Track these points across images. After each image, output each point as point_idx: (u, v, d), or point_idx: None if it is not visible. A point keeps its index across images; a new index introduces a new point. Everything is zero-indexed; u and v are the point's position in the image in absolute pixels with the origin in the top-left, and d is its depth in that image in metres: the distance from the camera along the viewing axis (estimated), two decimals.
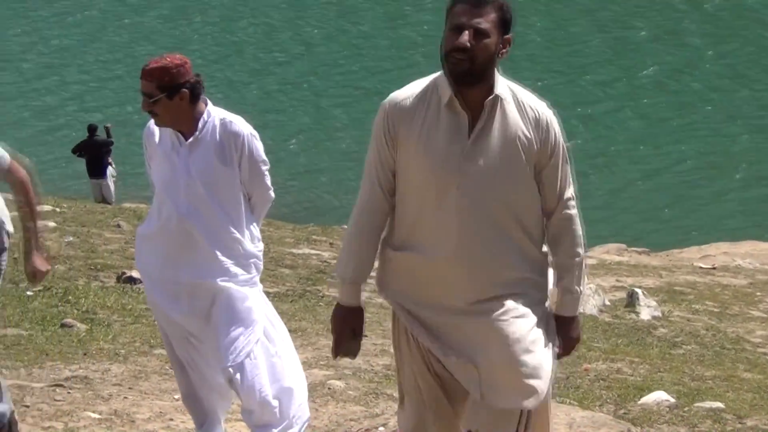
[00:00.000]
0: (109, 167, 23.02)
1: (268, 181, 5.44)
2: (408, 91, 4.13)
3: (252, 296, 5.36)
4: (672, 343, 9.61)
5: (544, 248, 4.19)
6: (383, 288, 4.24)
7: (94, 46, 39.14)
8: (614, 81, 36.12)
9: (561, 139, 4.12)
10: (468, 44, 3.91)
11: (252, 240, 5.41)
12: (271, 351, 5.44)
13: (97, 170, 22.86)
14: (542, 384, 4.07)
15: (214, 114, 5.33)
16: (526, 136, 4.04)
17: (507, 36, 3.98)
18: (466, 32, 3.91)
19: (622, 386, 7.87)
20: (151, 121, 5.41)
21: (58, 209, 15.83)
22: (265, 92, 35.78)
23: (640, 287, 12.35)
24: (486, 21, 3.94)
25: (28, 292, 10.34)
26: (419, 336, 4.14)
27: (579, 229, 4.19)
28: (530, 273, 4.14)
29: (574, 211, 4.17)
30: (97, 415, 6.79)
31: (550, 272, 4.24)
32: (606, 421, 6.56)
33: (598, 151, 30.84)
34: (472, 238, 4.04)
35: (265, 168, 5.40)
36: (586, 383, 8.11)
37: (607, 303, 12.51)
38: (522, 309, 4.08)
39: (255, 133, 5.38)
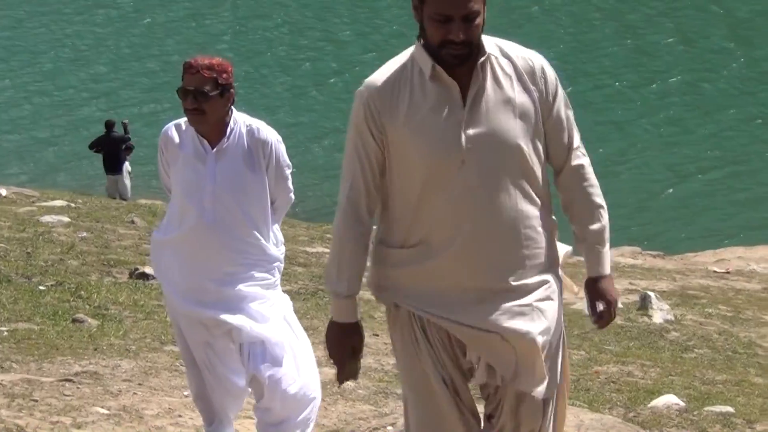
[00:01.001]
0: (126, 163, 23.04)
1: (291, 184, 5.40)
2: (384, 72, 3.79)
3: (275, 299, 5.33)
4: (684, 347, 9.58)
5: (553, 217, 3.89)
6: (382, 290, 3.89)
7: (121, 41, 38.54)
8: (639, 86, 35.69)
9: (559, 83, 3.84)
10: (462, 38, 3.61)
11: (276, 244, 5.38)
12: (292, 351, 5.39)
13: (113, 166, 22.87)
14: (558, 375, 3.91)
15: (239, 120, 5.25)
16: (524, 89, 3.76)
17: None
18: (456, 25, 3.61)
19: (632, 389, 7.85)
20: (170, 127, 5.32)
21: (72, 204, 15.84)
22: (293, 91, 35.24)
23: (653, 290, 12.32)
24: (470, 6, 3.62)
25: (41, 287, 10.34)
26: (443, 324, 3.81)
27: (594, 177, 3.89)
28: (546, 247, 3.84)
29: (586, 159, 3.88)
30: (105, 411, 6.80)
31: (560, 245, 3.95)
32: (615, 424, 6.51)
33: (619, 155, 30.77)
34: (487, 217, 3.73)
35: (288, 172, 5.36)
36: (596, 386, 8.09)
37: (620, 306, 12.40)
38: (545, 292, 3.83)
39: (279, 137, 5.32)
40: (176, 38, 37.66)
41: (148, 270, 11.13)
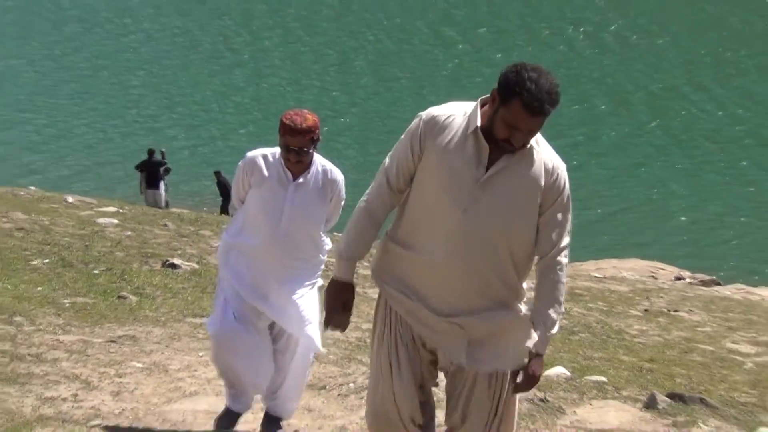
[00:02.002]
0: (162, 181, 22.99)
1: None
2: (445, 110, 3.56)
3: (314, 299, 5.15)
4: (570, 332, 9.59)
5: (525, 285, 3.67)
6: (378, 276, 3.74)
7: (171, 89, 36.44)
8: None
9: (568, 192, 3.57)
10: (519, 145, 3.43)
11: (323, 249, 5.24)
12: (308, 345, 5.29)
13: (152, 182, 22.88)
14: (519, 360, 3.66)
15: (317, 161, 5.06)
16: (538, 184, 3.49)
17: None
18: (520, 135, 3.40)
19: None
20: (257, 156, 5.07)
21: (121, 210, 15.77)
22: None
23: None
24: (540, 124, 3.40)
25: (95, 271, 10.30)
26: (410, 322, 3.65)
27: (564, 277, 3.60)
28: (509, 298, 3.63)
29: (565, 260, 3.59)
30: (140, 365, 6.81)
31: (523, 307, 3.71)
32: None
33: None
34: (466, 253, 3.49)
35: (342, 202, 5.22)
36: None
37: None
38: (504, 312, 3.63)
39: (343, 177, 5.17)
40: (211, 89, 36.11)
41: (176, 261, 11.12)
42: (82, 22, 40.40)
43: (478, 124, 3.46)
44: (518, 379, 3.64)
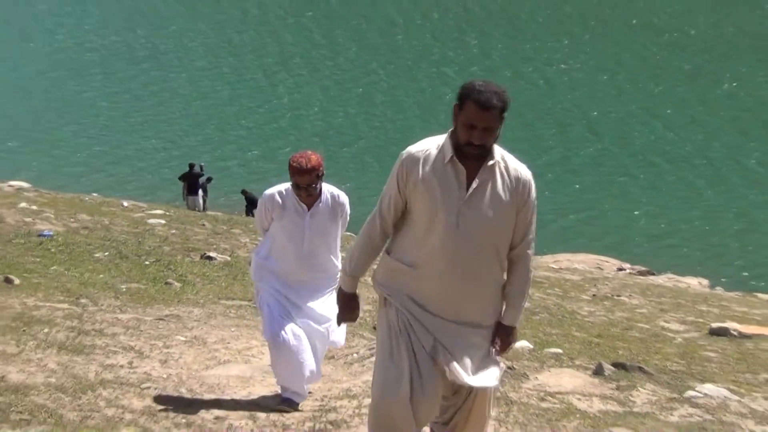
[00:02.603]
0: (200, 190, 23.02)
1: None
2: (421, 146, 3.52)
3: (333, 304, 4.94)
4: (533, 312, 9.60)
5: (505, 275, 3.63)
6: (377, 283, 3.67)
7: (223, 113, 35.09)
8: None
9: (534, 195, 3.54)
10: (479, 143, 3.38)
11: (339, 258, 5.17)
12: (326, 341, 5.24)
13: (192, 190, 22.90)
14: (494, 376, 3.65)
15: (325, 190, 5.01)
16: (509, 193, 3.47)
17: (503, 116, 3.41)
18: (478, 132, 3.36)
19: None
20: (275, 194, 4.99)
21: (167, 213, 15.75)
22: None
23: None
24: (493, 120, 3.35)
25: (146, 262, 10.29)
26: (411, 322, 3.51)
27: (530, 263, 3.58)
28: (495, 295, 3.57)
29: (531, 251, 3.58)
30: (183, 338, 6.80)
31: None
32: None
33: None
34: (464, 258, 3.46)
35: (348, 217, 5.16)
36: None
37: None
38: (485, 332, 3.57)
39: (347, 198, 5.12)
40: (254, 117, 34.94)
41: (212, 254, 11.10)
42: (151, 60, 40.79)
43: (452, 153, 3.44)
44: (497, 346, 3.61)
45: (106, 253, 10.53)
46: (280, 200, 4.99)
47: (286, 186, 5.04)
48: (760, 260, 22.56)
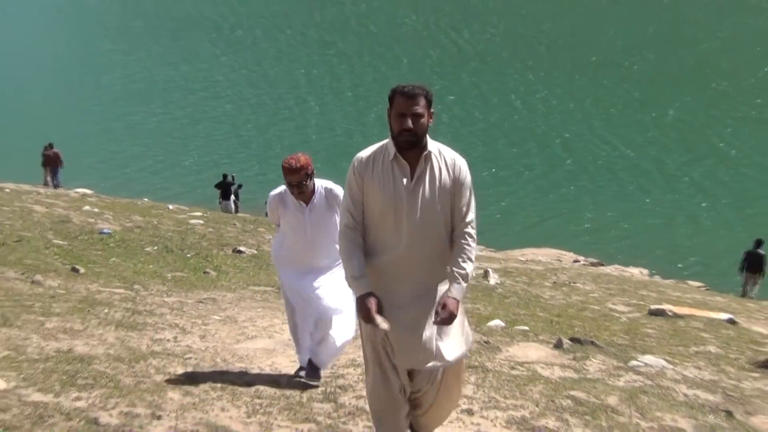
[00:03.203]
0: (233, 195, 22.98)
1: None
2: (367, 151, 3.36)
3: (339, 280, 4.83)
4: (504, 296, 9.61)
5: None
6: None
7: (262, 130, 35.04)
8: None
9: (469, 178, 3.32)
10: (411, 126, 3.20)
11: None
12: (340, 314, 4.97)
13: (224, 196, 22.87)
14: (462, 348, 3.43)
15: (318, 185, 4.76)
16: (446, 177, 3.28)
17: (431, 111, 3.23)
18: (408, 119, 3.18)
19: (479, 317, 7.85)
20: (277, 194, 4.79)
21: (205, 215, 15.75)
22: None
23: (490, 268, 12.33)
24: (420, 107, 3.18)
25: (188, 255, 10.27)
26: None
27: (473, 243, 3.30)
28: (444, 272, 3.32)
29: (472, 231, 3.31)
30: (218, 317, 6.77)
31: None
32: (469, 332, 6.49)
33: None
34: (417, 244, 3.27)
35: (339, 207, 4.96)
36: None
37: (474, 275, 12.51)
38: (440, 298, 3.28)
39: (341, 188, 4.80)
40: (287, 135, 34.41)
41: (242, 248, 11.10)
42: (203, 91, 41.02)
43: (395, 151, 3.28)
44: (439, 316, 3.22)
45: (155, 248, 10.52)
46: (282, 199, 4.89)
47: (285, 187, 4.99)
48: (692, 254, 22.66)
